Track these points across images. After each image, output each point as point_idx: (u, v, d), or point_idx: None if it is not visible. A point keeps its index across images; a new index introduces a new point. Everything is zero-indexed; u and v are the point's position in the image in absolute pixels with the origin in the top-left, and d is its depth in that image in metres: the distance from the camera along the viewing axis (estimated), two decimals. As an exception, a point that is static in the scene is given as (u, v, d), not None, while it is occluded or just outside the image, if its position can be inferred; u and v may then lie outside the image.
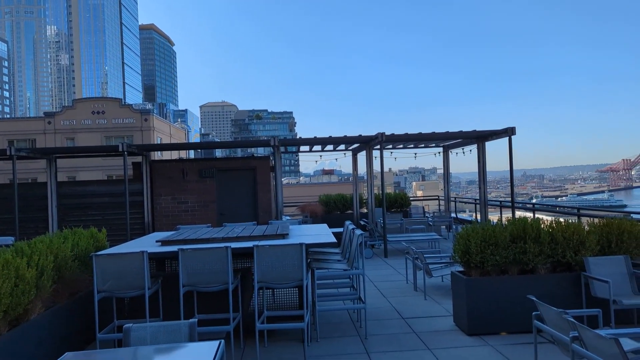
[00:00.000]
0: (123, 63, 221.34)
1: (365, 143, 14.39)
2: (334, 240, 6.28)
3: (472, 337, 6.07)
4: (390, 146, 16.80)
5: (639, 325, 5.95)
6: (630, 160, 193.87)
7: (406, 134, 13.57)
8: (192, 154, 56.83)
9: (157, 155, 40.48)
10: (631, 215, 7.08)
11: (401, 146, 17.25)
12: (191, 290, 5.84)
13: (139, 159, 14.27)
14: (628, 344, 4.23)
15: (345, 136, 13.91)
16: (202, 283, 5.73)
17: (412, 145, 17.23)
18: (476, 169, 14.53)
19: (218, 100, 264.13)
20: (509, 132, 12.60)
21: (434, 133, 13.61)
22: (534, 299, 4.82)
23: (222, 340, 3.48)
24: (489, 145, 14.18)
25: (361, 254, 6.48)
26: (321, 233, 7.21)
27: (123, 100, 54.82)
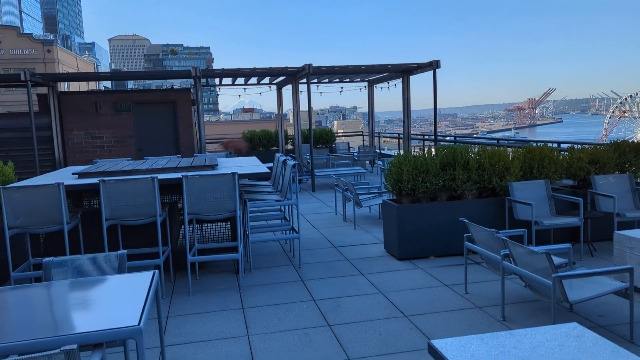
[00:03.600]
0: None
1: (292, 76, 14.01)
2: (266, 170, 6.10)
3: (403, 262, 6.23)
4: (316, 80, 16.52)
5: (554, 243, 6.34)
6: (535, 99, 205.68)
7: (333, 66, 13.33)
8: (102, 88, 53.29)
9: (64, 88, 37.53)
10: (530, 142, 7.40)
11: (327, 80, 17.03)
12: (115, 224, 5.48)
13: (44, 90, 13.05)
14: (553, 259, 4.47)
15: (271, 68, 13.45)
16: (127, 216, 5.37)
17: (337, 80, 17.05)
18: (394, 108, 14.72)
19: (129, 34, 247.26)
20: (433, 65, 12.72)
21: (360, 66, 13.46)
22: (466, 221, 4.95)
23: (157, 270, 3.25)
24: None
25: (296, 184, 6.36)
26: (252, 164, 6.98)
27: (21, 29, 49.72)
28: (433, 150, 6.87)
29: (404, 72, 14.18)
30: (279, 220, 7.60)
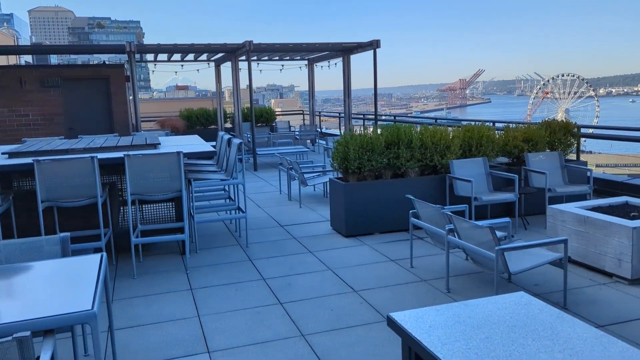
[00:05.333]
0: None
1: (231, 52, 13.71)
2: (212, 149, 5.98)
3: (350, 239, 6.34)
4: (256, 58, 16.26)
5: (491, 217, 6.64)
6: (465, 80, 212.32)
7: (274, 44, 13.16)
8: (23, 63, 49.90)
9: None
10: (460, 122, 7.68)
11: (266, 58, 16.81)
12: (51, 206, 5.22)
13: (-39, 64, 12.07)
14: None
15: (209, 44, 13.10)
16: (65, 198, 5.12)
17: (277, 58, 16.87)
18: (331, 88, 14.86)
19: (51, 5, 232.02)
20: (374, 44, 12.84)
21: (301, 44, 13.37)
22: (412, 197, 5.09)
23: (104, 253, 3.14)
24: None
25: (240, 163, 6.29)
26: (194, 143, 6.82)
27: None
28: (372, 129, 6.97)
29: (344, 51, 14.23)
30: (222, 200, 7.51)
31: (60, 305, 2.50)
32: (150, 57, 15.88)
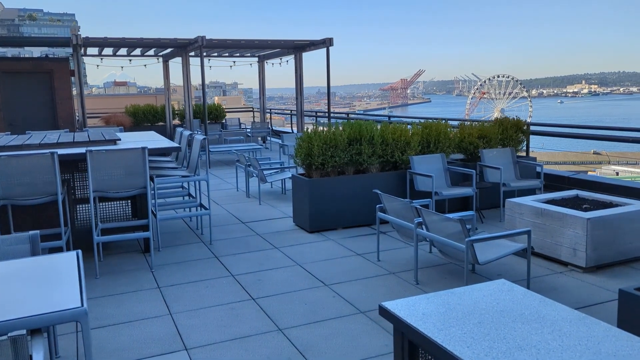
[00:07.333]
0: None
1: (182, 48, 13.44)
2: (176, 145, 5.87)
3: (314, 234, 6.39)
4: (205, 54, 15.99)
5: (449, 212, 6.88)
6: (407, 80, 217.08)
7: (225, 39, 13.00)
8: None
9: None
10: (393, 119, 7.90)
11: (216, 55, 16.57)
12: (6, 204, 4.97)
13: None
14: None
15: (159, 39, 12.77)
16: (22, 195, 4.89)
17: (227, 55, 16.66)
18: (276, 85, 14.89)
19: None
20: (327, 42, 12.93)
21: (253, 40, 13.29)
22: (379, 192, 5.20)
23: (80, 251, 3.05)
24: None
25: (202, 159, 6.20)
26: (154, 139, 6.67)
27: None
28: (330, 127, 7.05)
29: (296, 48, 14.25)
30: (180, 197, 7.37)
31: (47, 304, 2.41)
32: (92, 50, 15.26)
